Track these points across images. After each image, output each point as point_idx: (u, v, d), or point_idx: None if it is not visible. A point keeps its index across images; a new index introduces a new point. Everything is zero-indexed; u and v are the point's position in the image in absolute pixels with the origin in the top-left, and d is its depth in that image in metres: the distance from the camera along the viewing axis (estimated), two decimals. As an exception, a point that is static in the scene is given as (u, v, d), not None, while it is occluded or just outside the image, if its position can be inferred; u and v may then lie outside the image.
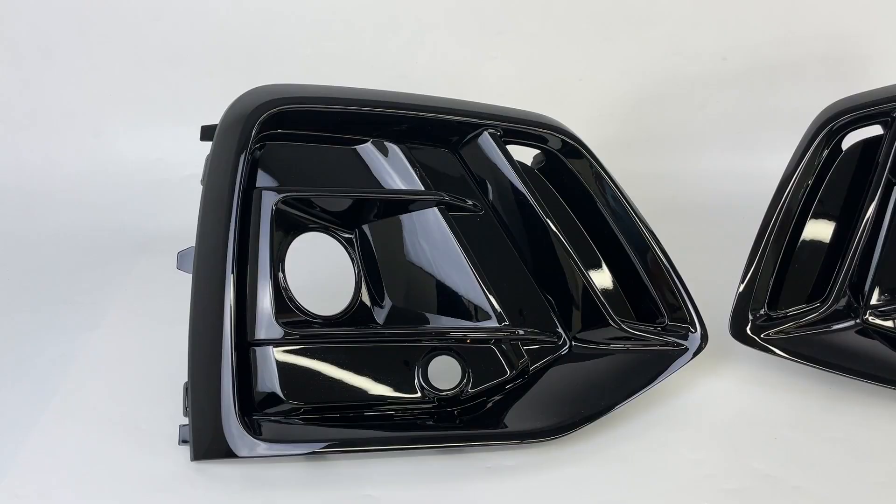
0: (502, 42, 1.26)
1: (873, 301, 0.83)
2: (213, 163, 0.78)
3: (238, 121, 0.78)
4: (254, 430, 0.73)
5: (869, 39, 1.24)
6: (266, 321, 0.75)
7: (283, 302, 0.77)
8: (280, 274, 0.77)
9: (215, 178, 0.77)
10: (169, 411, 0.78)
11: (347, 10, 1.26)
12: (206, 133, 0.80)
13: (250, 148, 0.77)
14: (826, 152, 0.86)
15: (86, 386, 0.86)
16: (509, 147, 0.84)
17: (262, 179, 0.79)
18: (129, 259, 1.09)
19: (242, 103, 0.80)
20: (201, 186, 0.79)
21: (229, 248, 0.74)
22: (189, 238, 0.77)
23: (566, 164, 0.85)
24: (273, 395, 0.75)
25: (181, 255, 0.78)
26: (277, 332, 0.75)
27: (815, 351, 0.83)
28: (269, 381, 0.75)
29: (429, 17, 1.25)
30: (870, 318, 0.83)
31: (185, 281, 0.76)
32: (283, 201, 0.78)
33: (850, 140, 0.87)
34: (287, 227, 0.79)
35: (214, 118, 0.80)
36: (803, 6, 1.24)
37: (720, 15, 1.25)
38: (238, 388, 0.73)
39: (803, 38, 1.25)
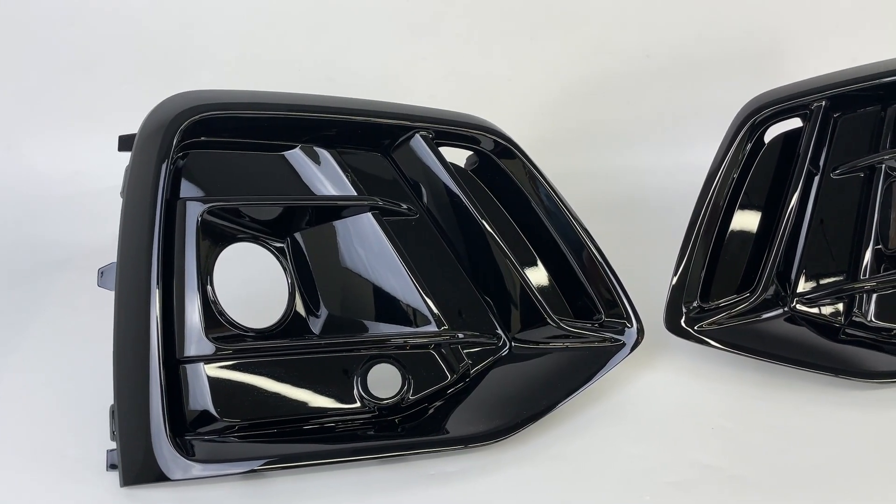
0: (431, 43, 1.26)
1: (800, 289, 0.85)
2: (132, 174, 0.75)
3: (158, 129, 0.75)
4: (186, 450, 0.70)
5: (785, 35, 1.28)
6: (195, 337, 0.72)
7: (213, 316, 0.75)
8: (208, 287, 0.75)
9: (136, 189, 0.74)
10: (95, 436, 0.75)
11: (272, 12, 1.23)
12: (125, 143, 0.77)
13: (172, 157, 0.74)
14: (750, 145, 0.88)
15: (4, 414, 0.81)
16: (442, 149, 0.83)
17: (186, 189, 0.76)
18: (47, 278, 1.04)
19: (162, 111, 0.77)
20: (121, 199, 0.76)
21: (153, 263, 0.72)
22: (110, 254, 0.74)
23: (499, 164, 0.85)
24: (206, 413, 0.72)
25: (102, 272, 0.75)
26: (208, 347, 0.73)
27: (746, 340, 0.85)
28: (201, 399, 0.72)
29: (356, 18, 1.24)
30: (797, 306, 0.85)
31: (108, 299, 0.73)
32: (209, 211, 0.75)
33: (772, 133, 0.89)
34: (214, 238, 0.77)
35: (133, 127, 0.77)
36: (722, 5, 1.28)
37: (642, 14, 1.27)
38: (168, 408, 0.70)
39: (723, 36, 1.28)
